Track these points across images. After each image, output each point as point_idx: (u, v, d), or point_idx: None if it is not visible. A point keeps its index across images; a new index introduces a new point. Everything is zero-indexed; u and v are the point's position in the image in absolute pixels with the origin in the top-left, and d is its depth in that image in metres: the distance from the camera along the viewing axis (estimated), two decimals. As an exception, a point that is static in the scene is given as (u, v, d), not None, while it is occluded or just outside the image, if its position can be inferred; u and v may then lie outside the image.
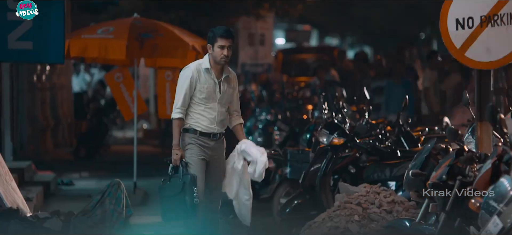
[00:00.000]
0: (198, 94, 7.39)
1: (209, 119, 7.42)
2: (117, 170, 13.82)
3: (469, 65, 7.60)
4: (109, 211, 8.89)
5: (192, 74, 7.38)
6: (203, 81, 7.39)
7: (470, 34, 7.32)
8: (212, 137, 7.45)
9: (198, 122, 7.43)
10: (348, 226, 8.03)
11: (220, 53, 7.34)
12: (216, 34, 7.36)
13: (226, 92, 7.47)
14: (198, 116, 7.43)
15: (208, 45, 7.42)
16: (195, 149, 7.42)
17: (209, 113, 7.42)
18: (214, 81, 7.41)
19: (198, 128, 7.42)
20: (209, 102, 7.41)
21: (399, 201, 8.22)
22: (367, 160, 9.25)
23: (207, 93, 7.38)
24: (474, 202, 5.54)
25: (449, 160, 6.29)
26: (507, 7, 7.27)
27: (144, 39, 11.19)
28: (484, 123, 7.23)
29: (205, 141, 7.44)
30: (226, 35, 7.35)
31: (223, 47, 7.33)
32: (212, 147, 7.47)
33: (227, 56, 7.36)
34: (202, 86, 7.38)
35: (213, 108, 7.43)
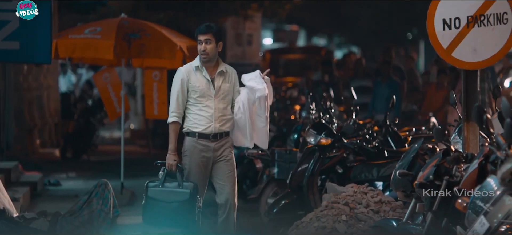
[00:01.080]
0: (193, 94, 7.36)
1: (207, 117, 7.36)
2: (104, 170, 13.79)
3: (456, 65, 7.63)
4: (96, 211, 8.86)
5: (182, 75, 7.38)
6: (194, 80, 7.37)
7: (457, 34, 7.34)
8: (211, 138, 7.37)
9: (195, 123, 7.38)
10: (335, 226, 8.04)
11: (199, 48, 7.40)
12: (196, 32, 7.44)
13: (222, 88, 7.41)
14: (195, 117, 7.38)
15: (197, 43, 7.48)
16: (194, 154, 7.35)
17: (206, 112, 7.36)
18: (206, 79, 7.38)
19: (196, 129, 7.37)
20: (204, 100, 7.36)
21: (386, 201, 8.24)
22: (354, 160, 9.27)
23: (200, 91, 7.35)
24: (460, 202, 5.55)
25: (436, 160, 6.31)
26: (494, 8, 7.30)
27: (132, 39, 11.16)
28: (470, 123, 7.26)
29: (204, 143, 7.36)
30: (202, 30, 7.39)
31: (201, 42, 7.37)
32: (213, 148, 7.39)
33: (204, 51, 7.36)
34: (194, 85, 7.36)
35: (210, 106, 7.37)
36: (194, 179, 7.36)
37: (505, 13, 7.30)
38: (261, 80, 7.37)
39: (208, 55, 7.41)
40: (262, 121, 7.47)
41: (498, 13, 7.29)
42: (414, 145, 7.07)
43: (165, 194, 7.29)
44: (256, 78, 7.39)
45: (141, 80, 19.42)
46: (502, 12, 7.30)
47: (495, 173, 5.36)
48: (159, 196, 7.31)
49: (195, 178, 7.37)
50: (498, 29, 7.30)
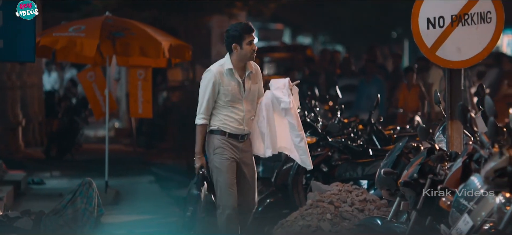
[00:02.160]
0: (223, 97, 7.16)
1: (237, 120, 7.19)
2: (89, 169, 13.75)
3: (440, 64, 7.65)
4: (80, 210, 8.83)
5: (214, 77, 7.14)
6: (226, 83, 7.16)
7: (441, 33, 7.37)
8: (240, 138, 7.22)
9: (226, 123, 7.19)
10: (320, 225, 8.05)
11: (250, 49, 7.14)
12: (242, 32, 7.13)
13: (251, 90, 7.24)
14: (225, 118, 7.19)
15: (234, 45, 7.14)
16: (225, 152, 7.17)
17: (236, 114, 7.19)
18: (237, 81, 7.17)
19: (227, 129, 7.19)
20: (235, 103, 7.18)
21: (371, 200, 8.25)
22: (339, 159, 9.28)
23: (232, 95, 7.15)
24: (445, 200, 5.58)
25: (420, 158, 6.33)
26: (478, 7, 7.33)
27: (116, 38, 11.13)
28: (454, 121, 7.28)
29: (233, 143, 7.20)
30: (251, 30, 7.17)
31: (252, 42, 7.15)
32: (241, 148, 7.23)
33: (255, 51, 7.17)
34: (226, 89, 7.15)
35: (240, 109, 7.19)
36: (227, 177, 7.15)
37: (488, 12, 7.33)
38: (288, 91, 7.16)
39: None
40: (297, 136, 7.23)
41: (481, 12, 7.32)
42: (399, 143, 7.09)
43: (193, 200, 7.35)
44: (284, 88, 7.17)
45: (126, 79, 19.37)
46: (485, 11, 7.33)
47: (479, 172, 5.39)
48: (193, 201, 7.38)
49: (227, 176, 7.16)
50: (481, 28, 7.33)
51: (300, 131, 7.22)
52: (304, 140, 7.26)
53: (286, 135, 7.29)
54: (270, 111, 7.23)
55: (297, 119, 7.22)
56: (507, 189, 5.02)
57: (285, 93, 7.15)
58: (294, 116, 7.19)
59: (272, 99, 7.21)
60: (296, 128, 7.20)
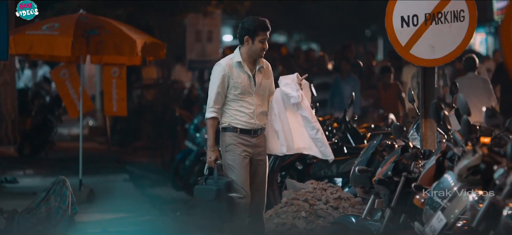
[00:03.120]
0: (233, 90, 7.07)
1: (248, 114, 7.09)
2: (63, 167, 13.67)
3: (414, 62, 7.69)
4: (54, 208, 8.77)
5: (224, 70, 7.05)
6: (236, 76, 7.07)
7: (414, 32, 7.41)
8: (253, 133, 7.10)
9: (236, 118, 7.09)
10: (295, 223, 8.06)
11: (261, 46, 7.09)
12: (257, 27, 7.06)
13: (262, 84, 7.15)
14: (235, 113, 7.09)
15: (246, 38, 7.08)
16: (238, 148, 7.05)
17: (247, 108, 7.09)
18: (248, 75, 7.09)
19: (238, 125, 7.08)
20: (245, 97, 7.08)
21: (346, 198, 8.28)
22: (313, 157, 9.29)
23: (242, 88, 7.06)
24: (418, 198, 5.60)
25: (395, 156, 6.36)
26: (451, 5, 7.37)
27: (90, 36, 11.06)
28: (428, 120, 7.32)
29: (246, 138, 7.08)
30: (267, 28, 7.11)
31: (264, 41, 7.10)
32: (254, 144, 7.11)
33: (265, 49, 7.12)
34: (235, 82, 7.06)
35: (250, 102, 7.09)
36: (241, 174, 7.04)
37: (461, 11, 7.38)
38: (296, 86, 7.10)
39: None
40: (312, 128, 7.15)
41: (455, 10, 7.37)
42: (373, 141, 7.12)
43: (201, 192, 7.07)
44: (293, 83, 7.12)
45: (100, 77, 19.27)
46: (459, 9, 7.37)
47: (452, 170, 5.42)
48: (198, 194, 7.12)
49: (241, 173, 7.04)
50: (455, 27, 7.38)
51: (315, 123, 7.16)
52: (320, 131, 7.19)
53: (301, 131, 7.22)
54: (281, 108, 7.17)
55: (310, 111, 7.17)
56: (480, 187, 5.06)
57: (294, 88, 7.10)
58: (306, 109, 7.13)
59: (282, 95, 7.15)
60: (310, 120, 7.14)
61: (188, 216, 10.26)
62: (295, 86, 7.10)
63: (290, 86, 7.10)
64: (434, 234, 5.32)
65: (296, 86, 7.10)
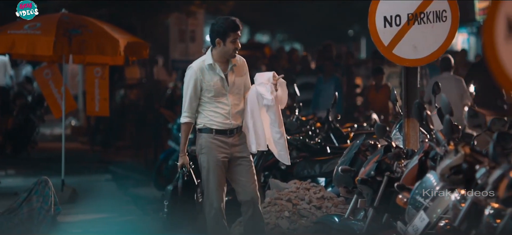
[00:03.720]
0: (207, 93, 7.05)
1: (223, 114, 7.07)
2: (45, 167, 13.60)
3: (396, 62, 7.71)
4: (36, 209, 8.73)
5: (196, 75, 7.04)
6: (208, 79, 7.05)
7: (397, 32, 7.42)
8: (228, 133, 7.09)
9: (211, 119, 7.08)
10: (278, 222, 8.07)
11: (233, 47, 7.05)
12: (227, 29, 7.04)
13: (235, 83, 7.12)
14: (210, 113, 7.08)
15: (218, 40, 7.07)
16: (212, 151, 7.05)
17: (222, 109, 7.07)
18: (220, 76, 7.07)
19: (213, 126, 7.07)
20: (219, 98, 7.07)
21: (329, 197, 8.30)
22: (297, 157, 9.31)
23: (215, 90, 7.05)
24: (401, 197, 5.62)
25: (377, 156, 6.37)
26: (433, 6, 7.40)
27: (73, 35, 11.01)
28: (411, 119, 7.34)
29: (222, 139, 7.07)
30: (237, 28, 7.07)
31: (235, 40, 7.06)
32: (231, 144, 7.10)
33: (238, 49, 7.08)
34: (208, 85, 7.04)
35: (225, 103, 7.08)
36: (215, 177, 7.05)
37: (444, 11, 7.40)
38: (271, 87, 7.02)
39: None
40: (277, 132, 7.13)
41: (437, 10, 7.39)
42: (356, 141, 7.13)
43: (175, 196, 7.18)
44: (268, 84, 7.04)
45: (82, 77, 19.19)
46: (441, 10, 7.40)
47: (434, 169, 5.44)
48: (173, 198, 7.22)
49: (216, 176, 7.06)
50: (437, 27, 7.41)
51: (280, 128, 7.13)
52: (284, 137, 7.17)
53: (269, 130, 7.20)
54: (254, 105, 7.13)
55: (278, 115, 7.12)
56: (462, 186, 5.07)
57: (268, 89, 7.04)
58: (275, 112, 7.08)
59: (257, 94, 7.11)
60: (276, 124, 7.11)
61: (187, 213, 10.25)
62: (269, 88, 7.04)
63: (265, 86, 7.05)
64: (417, 233, 5.33)
65: (270, 88, 7.04)
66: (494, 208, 4.78)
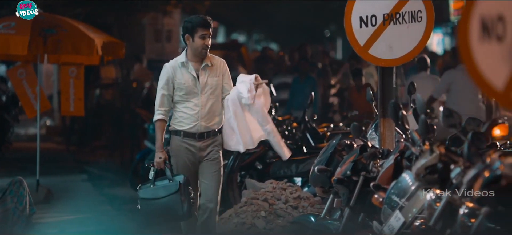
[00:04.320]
0: (178, 92, 7.01)
1: (192, 115, 7.00)
2: (19, 167, 13.50)
3: (372, 62, 7.74)
4: (10, 209, 8.66)
5: (168, 73, 7.00)
6: (179, 77, 7.01)
7: (373, 32, 7.45)
8: (197, 137, 7.02)
9: (181, 121, 7.03)
10: (254, 222, 8.07)
11: (201, 43, 7.00)
12: (195, 24, 6.99)
13: (208, 82, 7.04)
14: (181, 114, 7.03)
15: (187, 36, 7.03)
16: (180, 155, 7.01)
17: (192, 110, 7.01)
18: (191, 75, 7.01)
19: (182, 128, 7.02)
20: (190, 97, 7.01)
21: (305, 197, 8.31)
22: (273, 157, 9.31)
23: (186, 88, 6.99)
24: (377, 197, 5.64)
25: (353, 156, 6.39)
26: (408, 6, 7.43)
27: (48, 35, 10.95)
28: (386, 119, 7.37)
29: (190, 143, 7.02)
30: (206, 24, 7.00)
31: (204, 37, 6.99)
32: (200, 147, 7.04)
33: (208, 46, 7.01)
34: (179, 83, 6.99)
35: (195, 103, 7.01)
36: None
37: (419, 11, 7.44)
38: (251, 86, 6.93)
39: (208, 50, 7.05)
40: (265, 130, 7.05)
41: (412, 11, 7.43)
42: (332, 141, 7.15)
43: (156, 192, 6.93)
44: (248, 84, 6.95)
45: (57, 76, 19.08)
46: (416, 10, 7.44)
47: (410, 169, 5.46)
48: (150, 195, 6.95)
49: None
50: (412, 27, 7.44)
51: (267, 125, 7.06)
52: (273, 133, 7.09)
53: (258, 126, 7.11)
54: (237, 106, 7.05)
55: (262, 114, 7.03)
56: (437, 186, 5.10)
57: (247, 87, 6.94)
58: (259, 111, 7.00)
59: (237, 94, 7.04)
60: (263, 123, 7.04)
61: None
62: (249, 86, 6.96)
63: (245, 84, 6.99)
64: (392, 233, 5.36)
65: (250, 87, 6.96)
66: (468, 208, 4.81)
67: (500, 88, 3.77)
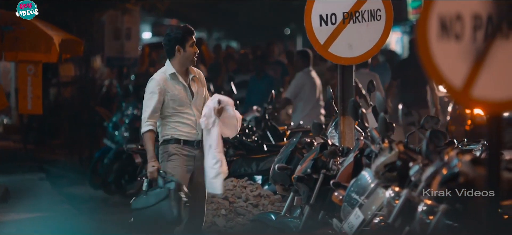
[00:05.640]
0: (171, 103, 6.89)
1: (189, 124, 6.92)
2: (-24, 167, 13.35)
3: (332, 61, 7.77)
4: (-33, 209, 8.54)
5: (159, 85, 6.86)
6: (172, 88, 6.90)
7: (333, 30, 7.48)
8: (195, 145, 6.94)
9: (179, 130, 6.92)
10: (214, 220, 8.06)
11: (193, 51, 6.94)
12: (185, 33, 6.94)
13: (198, 93, 7.01)
14: (177, 124, 6.92)
15: (177, 47, 6.92)
16: (180, 160, 6.89)
17: (188, 119, 6.92)
18: (183, 85, 6.94)
19: (181, 136, 6.91)
20: (184, 108, 6.91)
21: (265, 195, 8.32)
22: (234, 154, 9.31)
23: (179, 99, 6.90)
24: (337, 195, 5.67)
25: (314, 154, 6.41)
26: (368, 5, 7.48)
27: (5, 32, 10.81)
28: (346, 117, 7.41)
29: (189, 150, 6.93)
30: (193, 32, 7.00)
31: (194, 44, 6.94)
32: (196, 156, 6.95)
33: (197, 53, 6.98)
34: (172, 94, 6.88)
35: (190, 113, 6.94)
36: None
37: (378, 10, 7.49)
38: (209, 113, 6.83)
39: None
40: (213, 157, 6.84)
41: (372, 9, 7.48)
42: (293, 139, 7.17)
43: (147, 200, 6.82)
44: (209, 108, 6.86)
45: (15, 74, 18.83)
46: (375, 9, 7.48)
47: (369, 167, 5.50)
48: (142, 204, 6.84)
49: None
50: (372, 26, 7.49)
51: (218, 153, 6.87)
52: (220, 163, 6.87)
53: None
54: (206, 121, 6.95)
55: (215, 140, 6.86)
56: (396, 183, 5.14)
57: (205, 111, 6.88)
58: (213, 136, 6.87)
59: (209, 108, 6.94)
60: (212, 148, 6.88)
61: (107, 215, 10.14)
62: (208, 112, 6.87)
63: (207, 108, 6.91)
64: (352, 230, 5.39)
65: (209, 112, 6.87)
66: (427, 205, 4.86)
67: (459, 86, 3.81)
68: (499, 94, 3.77)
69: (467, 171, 4.63)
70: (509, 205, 4.88)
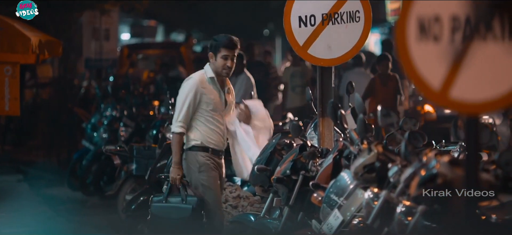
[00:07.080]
0: (205, 106, 6.85)
1: (219, 133, 6.92)
2: (-47, 168, 13.25)
3: (311, 62, 7.78)
4: None
5: (197, 85, 6.83)
6: (209, 91, 6.87)
7: (312, 32, 7.49)
8: (220, 154, 6.98)
9: (209, 137, 6.89)
10: (194, 222, 8.04)
11: (223, 63, 6.90)
12: (220, 44, 6.90)
13: (229, 102, 7.01)
14: (207, 131, 6.89)
15: (210, 54, 6.94)
16: (212, 169, 6.88)
17: (218, 126, 6.91)
18: (219, 91, 6.93)
19: (210, 144, 6.89)
20: (216, 114, 6.89)
21: (245, 196, 8.31)
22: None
23: (214, 104, 6.87)
24: (316, 196, 5.67)
25: (293, 155, 6.42)
26: (347, 6, 7.49)
27: (-18, 32, 10.74)
28: (326, 119, 7.42)
29: (215, 159, 6.94)
30: (231, 45, 6.91)
31: (227, 58, 6.90)
32: (220, 164, 7.01)
33: (230, 68, 6.92)
34: (208, 97, 6.85)
35: (220, 121, 6.92)
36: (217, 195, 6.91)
37: (357, 11, 7.51)
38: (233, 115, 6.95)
39: (230, 72, 6.96)
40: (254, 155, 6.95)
41: (351, 11, 7.49)
42: (272, 140, 7.17)
43: (168, 211, 6.82)
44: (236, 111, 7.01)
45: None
46: (354, 10, 7.50)
47: (348, 168, 5.51)
48: (162, 212, 6.85)
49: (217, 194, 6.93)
50: (351, 27, 7.50)
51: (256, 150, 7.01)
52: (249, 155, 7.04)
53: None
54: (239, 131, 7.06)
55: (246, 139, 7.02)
56: (375, 185, 5.15)
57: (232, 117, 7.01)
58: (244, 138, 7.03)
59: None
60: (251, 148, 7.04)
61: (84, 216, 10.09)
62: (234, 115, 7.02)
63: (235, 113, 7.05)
64: (331, 231, 5.40)
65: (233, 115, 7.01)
66: (405, 206, 4.87)
67: (437, 88, 3.83)
68: (477, 95, 3.79)
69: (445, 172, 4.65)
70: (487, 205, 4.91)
